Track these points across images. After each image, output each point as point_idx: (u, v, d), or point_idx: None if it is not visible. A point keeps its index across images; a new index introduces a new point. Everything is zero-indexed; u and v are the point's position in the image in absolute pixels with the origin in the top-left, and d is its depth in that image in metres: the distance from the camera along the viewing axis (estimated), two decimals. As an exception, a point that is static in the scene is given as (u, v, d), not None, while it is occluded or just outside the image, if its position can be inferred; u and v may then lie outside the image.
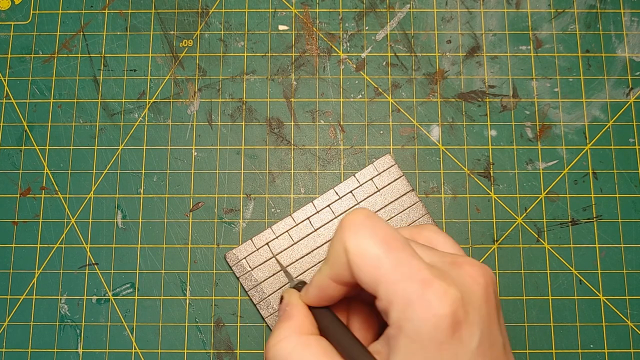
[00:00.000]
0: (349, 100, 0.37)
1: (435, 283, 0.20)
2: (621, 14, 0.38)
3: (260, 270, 0.34)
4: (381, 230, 0.22)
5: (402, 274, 0.21)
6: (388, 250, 0.21)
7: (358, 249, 0.22)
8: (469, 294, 0.21)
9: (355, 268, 0.22)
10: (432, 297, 0.20)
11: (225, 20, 0.38)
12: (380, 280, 0.21)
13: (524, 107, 0.37)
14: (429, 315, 0.20)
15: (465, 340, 0.20)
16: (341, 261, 0.22)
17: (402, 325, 0.20)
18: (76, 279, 0.35)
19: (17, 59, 0.38)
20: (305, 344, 0.23)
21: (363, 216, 0.22)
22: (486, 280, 0.22)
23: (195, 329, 0.34)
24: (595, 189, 0.36)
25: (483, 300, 0.21)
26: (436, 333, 0.20)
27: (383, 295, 0.21)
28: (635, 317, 0.34)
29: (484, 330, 0.21)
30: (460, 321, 0.20)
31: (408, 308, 0.20)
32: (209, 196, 0.36)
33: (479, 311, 0.21)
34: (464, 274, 0.22)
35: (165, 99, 0.37)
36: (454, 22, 0.38)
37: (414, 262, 0.21)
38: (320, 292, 0.24)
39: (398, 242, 0.22)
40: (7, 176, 0.36)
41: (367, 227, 0.22)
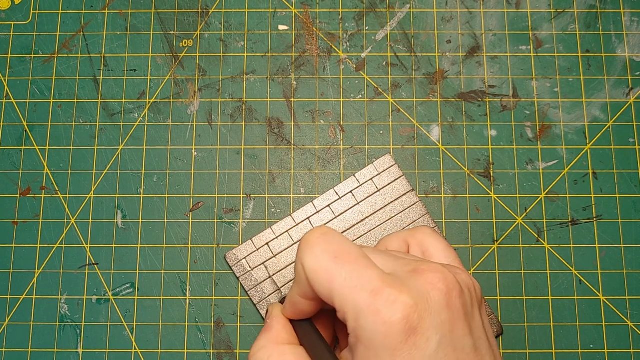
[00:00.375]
0: (349, 100, 0.37)
1: (385, 291, 0.21)
2: (621, 14, 0.38)
3: (260, 270, 0.34)
4: (333, 246, 0.23)
5: (352, 285, 0.21)
6: (339, 263, 0.22)
7: (312, 265, 0.23)
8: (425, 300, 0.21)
9: (312, 283, 0.23)
10: (380, 305, 0.20)
11: (225, 20, 0.38)
12: (334, 293, 0.22)
13: (524, 107, 0.37)
14: (379, 323, 0.20)
15: (421, 346, 0.20)
16: (302, 278, 0.24)
17: (357, 334, 0.21)
18: (76, 279, 0.35)
19: (17, 59, 0.38)
20: (281, 352, 0.25)
21: (318, 234, 0.24)
22: (447, 286, 0.22)
23: (195, 329, 0.34)
24: (595, 189, 0.36)
25: (443, 306, 0.21)
26: (388, 340, 0.20)
27: (338, 307, 0.22)
28: (635, 317, 0.34)
29: (444, 335, 0.21)
30: (414, 327, 0.20)
31: (360, 317, 0.21)
32: (209, 196, 0.36)
33: (438, 316, 0.21)
34: (423, 281, 0.22)
35: (165, 99, 0.37)
36: (454, 22, 0.38)
37: (365, 272, 0.22)
38: (294, 307, 0.26)
39: (350, 255, 0.22)
40: (7, 176, 0.36)
41: (319, 244, 0.23)
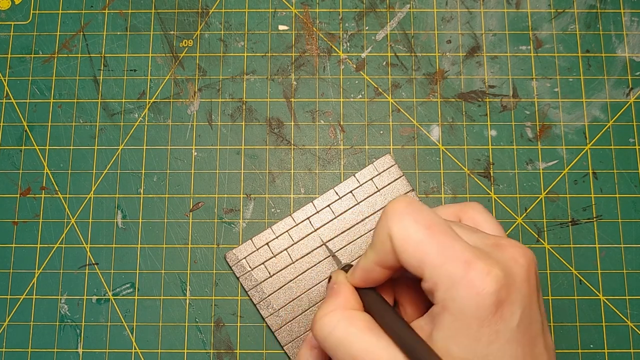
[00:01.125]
0: (349, 100, 0.37)
1: (478, 264, 0.21)
2: (621, 14, 0.38)
3: (260, 270, 0.34)
4: (423, 216, 0.23)
5: (446, 256, 0.22)
6: (431, 234, 0.22)
7: (402, 234, 0.23)
8: (510, 274, 0.22)
9: (400, 253, 0.23)
10: (474, 277, 0.21)
11: (225, 20, 0.38)
12: (425, 263, 0.22)
13: (524, 107, 0.37)
14: (472, 294, 0.21)
15: (507, 318, 0.21)
16: (386, 247, 0.23)
17: (446, 304, 0.21)
18: (76, 279, 0.35)
19: (17, 59, 0.38)
20: (350, 317, 0.24)
21: (405, 203, 0.24)
22: (527, 262, 0.23)
23: (195, 329, 0.34)
24: (595, 189, 0.36)
25: (524, 281, 0.22)
26: (479, 311, 0.21)
27: (428, 277, 0.22)
28: (635, 317, 0.34)
29: (525, 309, 0.22)
30: (502, 300, 0.21)
31: (452, 288, 0.21)
32: (209, 196, 0.36)
33: (520, 291, 0.22)
34: (506, 255, 0.23)
35: (165, 99, 0.37)
36: (454, 22, 0.38)
37: (457, 244, 0.22)
38: (366, 274, 0.25)
39: (440, 226, 0.23)
40: (7, 176, 0.36)
41: (409, 213, 0.23)
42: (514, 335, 0.21)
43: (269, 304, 0.33)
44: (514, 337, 0.21)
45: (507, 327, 0.21)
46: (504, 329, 0.21)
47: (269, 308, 0.33)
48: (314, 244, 0.34)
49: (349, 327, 0.24)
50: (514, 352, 0.21)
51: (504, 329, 0.21)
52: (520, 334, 0.21)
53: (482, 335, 0.21)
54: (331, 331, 0.24)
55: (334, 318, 0.24)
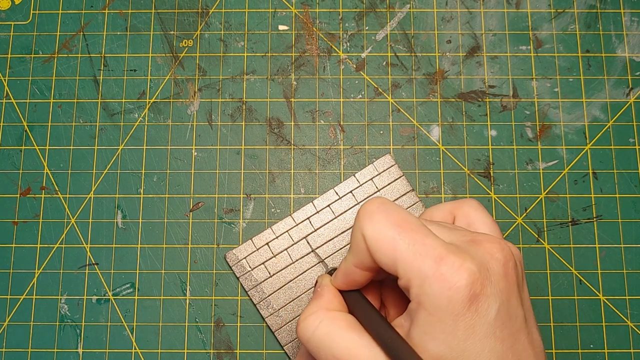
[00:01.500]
0: (349, 100, 0.37)
1: (450, 258, 0.21)
2: (621, 14, 0.38)
3: (260, 270, 0.34)
4: (394, 214, 0.23)
5: (417, 252, 0.22)
6: (402, 231, 0.22)
7: (374, 234, 0.23)
8: (485, 269, 0.22)
9: (373, 252, 0.23)
10: (446, 271, 0.21)
11: (225, 20, 0.38)
12: (397, 261, 0.22)
13: (524, 107, 0.37)
14: (444, 289, 0.21)
15: (482, 312, 0.21)
16: (361, 248, 0.24)
17: (420, 300, 0.21)
18: (76, 279, 0.35)
19: (17, 59, 0.38)
20: (332, 317, 0.25)
21: (377, 204, 0.24)
22: (505, 257, 0.23)
23: (195, 329, 0.34)
24: (595, 189, 0.36)
25: (501, 276, 0.22)
26: (452, 305, 0.21)
27: (402, 274, 0.22)
28: (635, 317, 0.34)
29: (502, 303, 0.21)
30: (477, 294, 0.21)
31: (424, 283, 0.21)
32: (209, 196, 0.36)
33: (496, 285, 0.22)
34: (482, 250, 0.23)
35: (165, 99, 0.37)
36: (454, 22, 0.38)
37: (428, 240, 0.22)
38: (347, 277, 0.26)
39: (412, 224, 0.23)
40: (7, 176, 0.36)
41: (381, 212, 0.23)
42: (492, 330, 0.21)
43: (269, 304, 0.33)
44: (492, 332, 0.21)
45: (483, 321, 0.21)
46: (480, 324, 0.21)
47: (269, 308, 0.33)
48: (314, 244, 0.34)
49: (331, 326, 0.24)
50: (493, 346, 0.21)
51: (480, 323, 0.21)
52: (499, 329, 0.21)
53: (458, 330, 0.21)
54: (314, 331, 0.24)
55: (317, 318, 0.25)
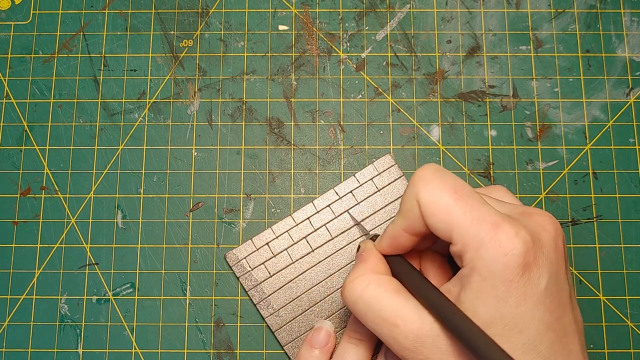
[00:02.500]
0: (349, 100, 0.37)
1: (506, 226, 0.22)
2: (621, 14, 0.38)
3: (260, 270, 0.34)
4: (450, 181, 0.24)
5: (474, 218, 0.22)
6: (458, 198, 0.23)
7: (430, 199, 0.23)
8: (538, 239, 0.22)
9: (428, 217, 0.23)
10: (503, 238, 0.21)
11: (225, 20, 0.38)
12: (453, 226, 0.22)
13: (524, 107, 0.37)
14: (500, 255, 0.21)
15: (534, 281, 0.21)
16: (414, 213, 0.24)
17: (474, 265, 0.22)
18: (76, 279, 0.35)
19: (17, 59, 0.38)
20: (379, 280, 0.25)
21: (433, 170, 0.24)
22: (555, 229, 0.23)
23: (195, 329, 0.34)
24: (595, 189, 0.36)
25: (552, 247, 0.22)
26: (506, 272, 0.21)
27: (457, 239, 0.22)
28: (635, 317, 0.34)
29: (552, 275, 0.22)
30: (530, 262, 0.21)
31: (481, 248, 0.21)
32: (209, 196, 0.36)
33: (547, 256, 0.22)
34: (534, 222, 0.23)
35: (165, 99, 0.37)
36: (454, 22, 0.38)
37: (484, 207, 0.22)
38: (393, 241, 0.26)
39: (467, 191, 0.23)
40: (7, 176, 0.36)
41: (436, 179, 0.24)
42: (542, 300, 0.21)
43: (269, 304, 0.33)
44: (542, 302, 0.21)
45: (534, 290, 0.21)
46: (531, 292, 0.21)
47: (269, 308, 0.33)
48: (314, 244, 0.34)
49: (378, 289, 0.24)
50: (542, 316, 0.21)
51: (531, 291, 0.21)
52: (548, 299, 0.21)
53: (510, 296, 0.21)
54: (361, 294, 0.25)
55: (363, 281, 0.25)
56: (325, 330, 0.32)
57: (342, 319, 0.33)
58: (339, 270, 0.34)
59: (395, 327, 0.23)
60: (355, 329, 0.31)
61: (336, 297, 0.33)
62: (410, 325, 0.23)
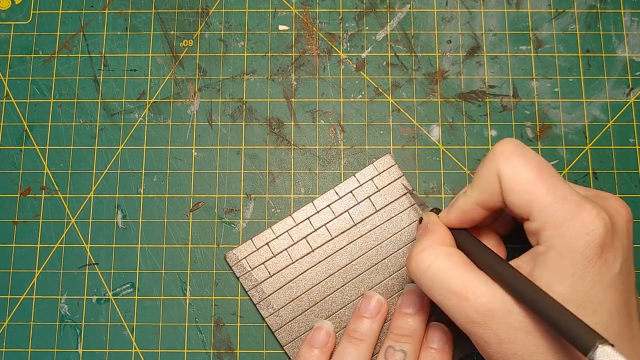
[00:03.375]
0: (349, 100, 0.37)
1: (588, 205, 0.22)
2: (621, 14, 0.38)
3: (260, 270, 0.34)
4: (533, 158, 0.24)
5: (556, 196, 0.22)
6: (541, 175, 0.23)
7: (512, 175, 0.23)
8: (615, 223, 0.22)
9: (508, 192, 0.23)
10: (586, 217, 0.21)
11: (225, 20, 0.38)
12: (534, 203, 0.22)
13: (524, 107, 0.37)
14: (582, 233, 0.21)
15: (610, 263, 0.21)
16: (493, 187, 0.24)
17: (553, 242, 0.22)
18: (76, 278, 0.35)
19: (17, 59, 0.38)
20: (447, 253, 0.25)
21: (514, 145, 0.24)
22: (628, 214, 0.24)
23: (195, 329, 0.34)
24: (595, 189, 0.36)
25: (625, 232, 0.23)
26: (586, 250, 0.21)
27: (537, 216, 0.22)
28: (635, 317, 0.34)
29: (625, 259, 0.22)
30: (607, 244, 0.21)
31: (562, 226, 0.22)
32: (209, 196, 0.36)
33: (621, 240, 0.22)
34: (609, 205, 0.23)
35: (166, 99, 0.37)
36: (454, 22, 0.38)
37: (566, 186, 0.23)
38: (463, 215, 0.26)
39: (549, 169, 0.23)
40: (7, 176, 0.36)
41: (519, 154, 0.24)
42: (615, 282, 0.21)
43: (269, 304, 0.33)
44: (615, 284, 0.21)
45: (609, 271, 0.21)
46: (606, 273, 0.21)
47: (269, 308, 0.33)
48: (314, 244, 0.34)
49: (447, 262, 0.24)
50: (614, 297, 0.21)
51: (606, 273, 0.21)
52: (620, 282, 0.22)
53: (587, 275, 0.21)
54: (429, 266, 0.24)
55: (432, 253, 0.24)
56: (325, 330, 0.32)
57: (342, 319, 0.33)
58: (339, 270, 0.34)
59: (465, 300, 0.23)
60: (356, 329, 0.31)
61: (336, 297, 0.33)
62: (481, 298, 0.23)
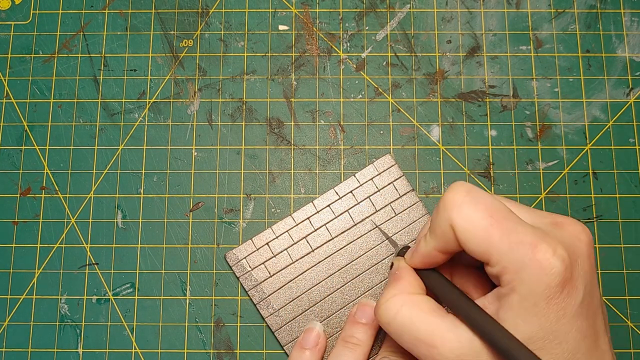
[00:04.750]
0: (349, 100, 0.37)
1: (543, 245, 0.22)
2: (621, 14, 0.38)
3: (260, 270, 0.34)
4: (483, 203, 0.23)
5: (511, 241, 0.22)
6: (493, 221, 0.23)
7: (465, 225, 0.23)
8: (573, 252, 0.22)
9: (464, 242, 0.23)
10: (542, 258, 0.21)
11: (225, 20, 0.38)
12: (490, 250, 0.22)
13: (524, 107, 0.37)
14: (540, 275, 0.21)
15: (573, 295, 0.22)
16: (448, 236, 0.24)
17: (514, 285, 0.22)
18: (76, 278, 0.35)
19: (17, 59, 0.38)
20: (413, 301, 0.25)
21: (464, 192, 0.24)
22: (588, 237, 0.23)
23: (195, 329, 0.34)
24: (595, 189, 0.36)
25: (586, 257, 0.23)
26: (547, 290, 0.21)
27: (495, 263, 0.22)
28: (635, 317, 0.34)
29: (587, 284, 0.22)
30: (567, 279, 0.22)
31: (521, 271, 0.22)
32: (209, 196, 0.36)
33: (582, 267, 0.22)
34: (567, 233, 0.23)
35: (166, 99, 0.37)
36: (454, 22, 0.38)
37: (520, 228, 0.22)
38: (426, 259, 0.26)
39: (502, 212, 0.23)
40: (7, 176, 0.36)
41: (469, 202, 0.23)
42: (579, 310, 0.22)
43: (269, 304, 0.33)
44: (579, 312, 0.22)
45: (572, 303, 0.22)
46: (570, 305, 0.21)
47: (269, 308, 0.33)
48: (314, 244, 0.34)
49: (413, 310, 0.24)
50: (580, 325, 0.22)
51: (570, 305, 0.21)
52: (584, 308, 0.22)
53: (550, 312, 0.21)
54: (395, 315, 0.24)
55: (398, 302, 0.25)
56: (315, 331, 0.32)
57: (340, 319, 0.33)
58: (339, 270, 0.34)
59: (433, 348, 0.23)
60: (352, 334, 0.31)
61: (336, 297, 0.33)
62: (448, 344, 0.23)
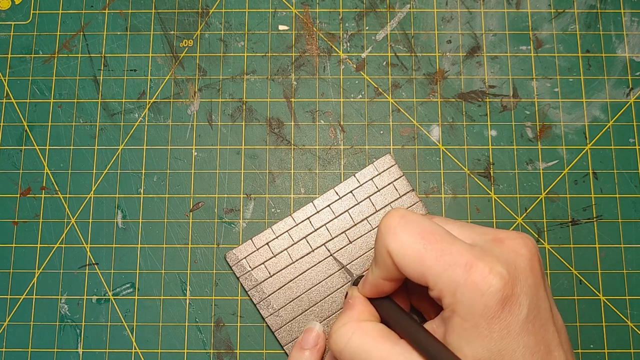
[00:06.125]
0: (349, 100, 0.37)
1: (479, 265, 0.21)
2: (621, 14, 0.38)
3: (260, 270, 0.34)
4: (416, 227, 0.23)
5: (446, 262, 0.22)
6: (427, 244, 0.23)
7: (399, 250, 0.23)
8: (514, 268, 0.22)
9: (401, 267, 0.23)
10: (477, 278, 0.21)
11: (225, 20, 0.38)
12: (426, 273, 0.22)
13: (524, 107, 0.37)
14: (477, 296, 0.21)
15: (515, 312, 0.21)
16: (387, 263, 0.24)
17: (454, 308, 0.22)
18: (76, 279, 0.35)
19: (17, 59, 0.38)
20: (364, 328, 0.25)
21: (397, 217, 0.24)
22: (530, 251, 0.23)
23: (195, 329, 0.34)
24: (595, 189, 0.36)
25: (528, 271, 0.22)
26: (486, 310, 0.21)
27: (432, 285, 0.22)
28: (635, 317, 0.34)
29: (532, 299, 0.22)
30: (508, 295, 0.21)
31: (457, 292, 0.21)
32: (209, 196, 0.36)
33: (525, 282, 0.22)
34: (506, 249, 0.23)
35: (166, 99, 0.37)
36: (454, 22, 0.38)
37: (454, 248, 0.22)
38: (374, 288, 0.26)
39: (435, 234, 0.23)
40: (7, 176, 0.36)
41: (403, 226, 0.23)
42: (525, 326, 0.21)
43: (269, 304, 0.33)
44: (525, 328, 0.21)
45: (516, 320, 0.21)
46: (514, 323, 0.21)
47: (269, 308, 0.33)
48: (314, 244, 0.34)
49: (364, 337, 0.24)
50: (527, 341, 0.21)
51: (514, 322, 0.21)
52: (530, 323, 0.22)
53: (493, 332, 0.21)
54: (347, 343, 0.25)
55: (349, 330, 0.25)
56: (315, 331, 0.32)
57: (342, 319, 0.33)
58: (339, 270, 0.34)
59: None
60: None
61: (336, 297, 0.33)
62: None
